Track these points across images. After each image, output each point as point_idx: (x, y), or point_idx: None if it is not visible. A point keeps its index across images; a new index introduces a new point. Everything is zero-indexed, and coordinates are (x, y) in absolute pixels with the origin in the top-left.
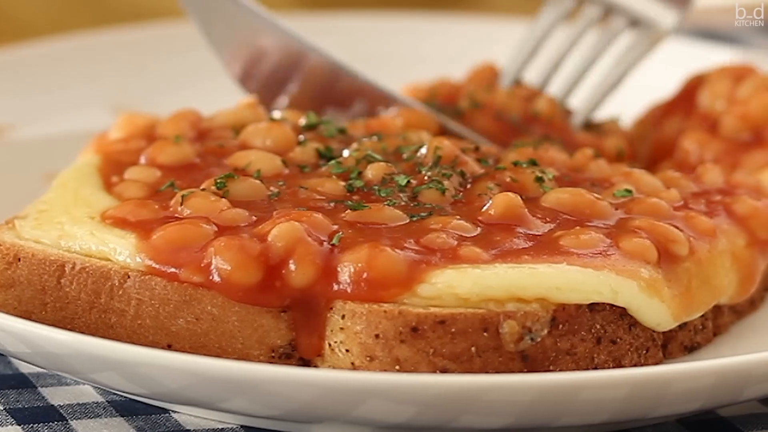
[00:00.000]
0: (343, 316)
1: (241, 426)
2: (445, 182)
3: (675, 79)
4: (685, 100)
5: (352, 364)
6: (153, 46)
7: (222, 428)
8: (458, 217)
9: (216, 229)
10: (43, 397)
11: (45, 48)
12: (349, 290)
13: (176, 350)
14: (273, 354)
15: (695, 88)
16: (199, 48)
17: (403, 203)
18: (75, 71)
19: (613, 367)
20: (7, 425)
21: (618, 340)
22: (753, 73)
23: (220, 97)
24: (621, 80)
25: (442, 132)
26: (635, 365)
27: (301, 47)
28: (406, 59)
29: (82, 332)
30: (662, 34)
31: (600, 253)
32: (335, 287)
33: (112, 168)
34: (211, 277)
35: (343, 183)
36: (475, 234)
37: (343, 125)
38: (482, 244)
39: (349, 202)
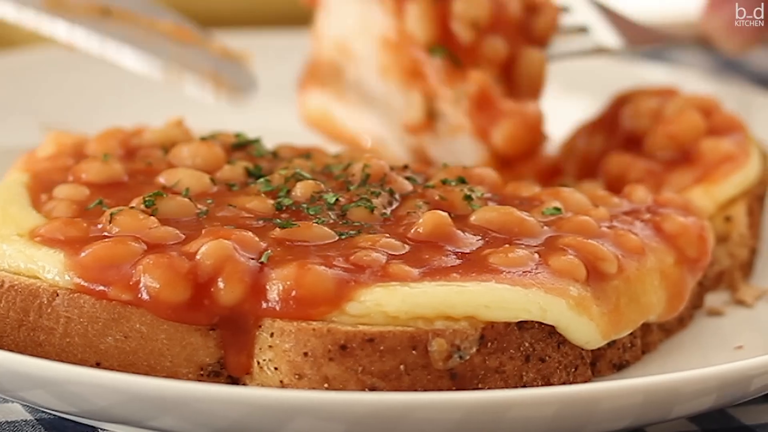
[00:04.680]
0: (271, 334)
1: None
2: (374, 200)
3: (604, 96)
4: (610, 119)
5: (281, 382)
6: (81, 64)
7: None
8: (387, 235)
9: (145, 247)
10: None
11: None
12: (277, 308)
13: (105, 368)
14: (202, 372)
15: (620, 107)
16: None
17: (331, 221)
18: (3, 89)
19: (542, 385)
20: None
21: (547, 358)
22: (676, 94)
23: (151, 115)
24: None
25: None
26: (564, 383)
27: None
28: None
29: (11, 350)
30: (604, 46)
31: (529, 271)
32: (264, 305)
33: (41, 186)
34: (139, 295)
35: (271, 201)
36: (403, 252)
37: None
38: (411, 262)
39: (278, 220)
